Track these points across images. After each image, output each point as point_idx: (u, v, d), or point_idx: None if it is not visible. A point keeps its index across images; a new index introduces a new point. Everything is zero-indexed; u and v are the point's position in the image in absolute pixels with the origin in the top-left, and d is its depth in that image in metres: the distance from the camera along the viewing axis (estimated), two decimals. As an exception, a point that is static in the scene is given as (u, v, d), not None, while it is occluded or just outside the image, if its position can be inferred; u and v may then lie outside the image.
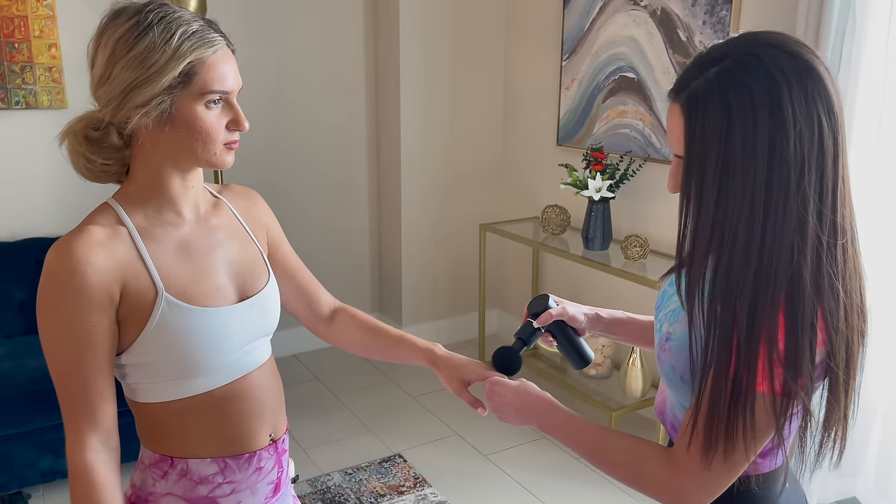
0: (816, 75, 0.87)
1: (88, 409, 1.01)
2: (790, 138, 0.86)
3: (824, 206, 0.88)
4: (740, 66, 0.88)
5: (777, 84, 0.86)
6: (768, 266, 0.88)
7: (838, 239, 0.90)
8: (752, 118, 0.86)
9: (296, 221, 3.68)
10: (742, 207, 0.88)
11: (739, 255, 0.89)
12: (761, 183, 0.87)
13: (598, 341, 3.17)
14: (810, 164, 0.86)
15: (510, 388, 1.17)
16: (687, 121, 0.92)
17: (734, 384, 0.91)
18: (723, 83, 0.88)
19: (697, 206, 0.92)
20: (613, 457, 1.03)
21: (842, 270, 0.90)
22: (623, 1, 3.03)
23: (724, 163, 0.88)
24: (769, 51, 0.88)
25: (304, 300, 1.36)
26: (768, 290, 0.89)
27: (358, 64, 3.72)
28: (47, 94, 2.98)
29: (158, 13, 1.00)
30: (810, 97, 0.86)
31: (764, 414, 0.91)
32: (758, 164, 0.87)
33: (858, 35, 2.08)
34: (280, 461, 1.23)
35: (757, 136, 0.86)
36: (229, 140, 1.07)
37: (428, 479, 2.76)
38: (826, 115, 0.87)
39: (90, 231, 1.02)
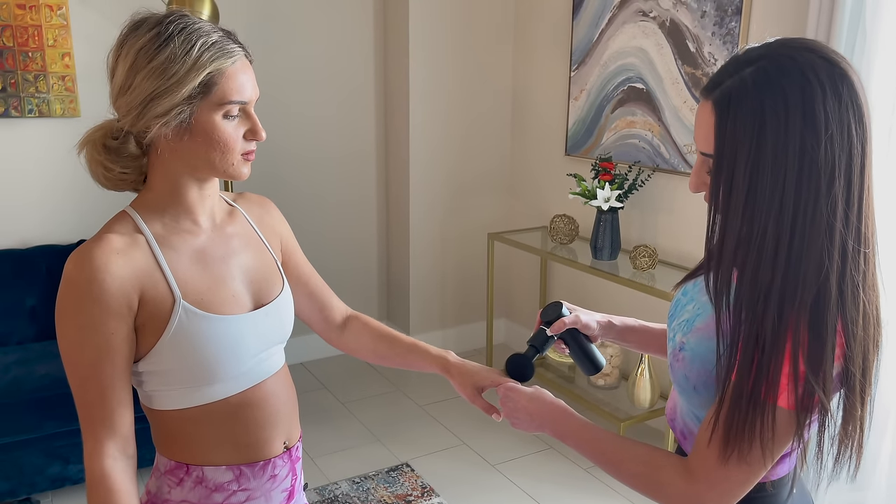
0: (850, 83, 0.88)
1: (106, 417, 1.02)
2: (821, 142, 0.86)
3: (851, 214, 0.88)
4: (776, 67, 0.88)
5: (812, 87, 0.86)
6: (796, 269, 0.88)
7: (862, 247, 0.90)
8: (784, 119, 0.86)
9: (305, 229, 3.70)
10: (771, 208, 0.88)
11: (768, 255, 0.89)
12: (791, 184, 0.87)
13: (607, 351, 3.16)
14: (840, 170, 0.87)
15: (524, 395, 1.18)
16: (718, 119, 0.92)
17: (754, 391, 0.90)
18: (758, 83, 0.88)
19: (726, 205, 0.91)
20: (629, 466, 1.03)
21: (863, 280, 0.91)
22: (632, 12, 3.05)
23: (754, 163, 0.88)
24: (806, 55, 0.88)
25: (317, 308, 1.36)
26: (796, 294, 0.88)
27: (367, 74, 3.74)
28: (60, 102, 3.01)
29: (179, 24, 1.01)
30: (843, 103, 0.87)
31: (784, 428, 0.91)
32: (788, 165, 0.87)
33: (869, 48, 2.09)
34: (294, 469, 1.24)
35: (789, 137, 0.86)
36: (247, 150, 1.08)
37: (435, 488, 2.76)
38: (857, 123, 0.87)
39: (109, 239, 1.03)
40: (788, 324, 0.89)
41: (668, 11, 2.87)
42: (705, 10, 2.72)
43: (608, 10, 3.16)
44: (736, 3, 2.60)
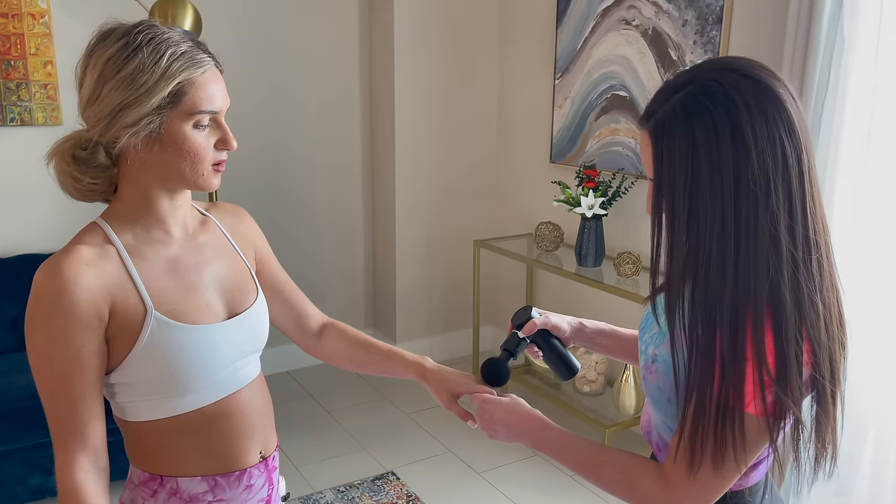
0: (776, 98, 0.90)
1: (77, 429, 1.01)
2: (752, 159, 0.88)
3: (795, 223, 0.90)
4: (702, 92, 0.91)
5: (737, 108, 0.88)
6: (745, 284, 0.90)
7: (812, 254, 0.92)
8: (715, 142, 0.89)
9: (290, 236, 3.69)
10: (713, 228, 0.90)
11: (715, 275, 0.91)
12: (730, 203, 0.89)
13: (592, 357, 3.17)
14: (776, 183, 0.89)
15: (500, 406, 1.17)
16: (655, 146, 0.94)
17: (720, 403, 0.91)
18: (686, 109, 0.91)
19: (670, 229, 0.94)
20: (607, 473, 1.04)
21: (818, 284, 0.92)
22: (615, 20, 3.06)
23: (692, 186, 0.90)
24: (729, 75, 0.91)
25: (293, 316, 1.36)
26: (748, 308, 0.90)
27: (353, 81, 3.74)
28: (42, 111, 2.99)
29: (147, 34, 1.01)
30: (770, 119, 0.89)
31: (755, 435, 0.92)
32: (725, 186, 0.89)
33: (847, 52, 2.11)
34: (270, 478, 1.23)
35: (721, 159, 0.89)
36: (217, 160, 1.07)
37: (421, 496, 2.75)
38: (787, 136, 0.89)
39: (78, 250, 1.02)
40: (746, 334, 0.90)
41: (650, 20, 2.89)
42: (686, 19, 2.74)
43: (591, 19, 3.17)
44: (716, 12, 2.62)
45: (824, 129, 2.19)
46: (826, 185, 2.20)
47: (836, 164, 2.17)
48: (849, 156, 2.15)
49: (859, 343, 2.16)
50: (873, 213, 2.15)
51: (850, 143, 2.14)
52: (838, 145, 2.16)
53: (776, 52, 2.41)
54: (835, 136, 2.16)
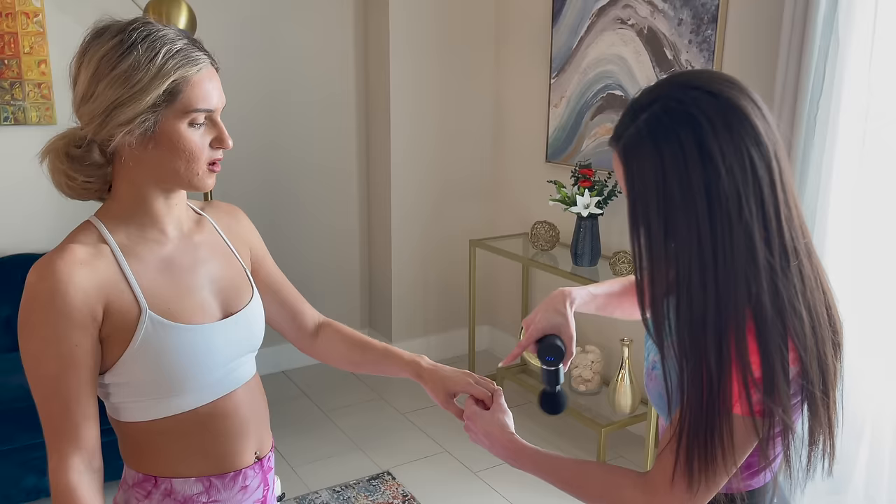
0: (739, 111, 0.91)
1: (71, 430, 1.00)
2: (721, 175, 0.89)
3: (770, 233, 0.91)
4: (666, 112, 0.91)
5: (701, 127, 0.89)
6: (726, 296, 0.91)
7: (791, 261, 0.92)
8: (683, 162, 0.90)
9: (286, 236, 3.68)
10: (691, 243, 0.91)
11: (697, 289, 0.92)
12: (704, 219, 0.90)
13: (588, 357, 3.17)
14: (747, 196, 0.90)
15: (482, 427, 1.17)
16: (626, 169, 0.95)
17: (709, 411, 0.93)
18: (652, 130, 0.92)
19: (648, 248, 0.95)
20: (591, 489, 1.05)
21: (801, 289, 0.93)
22: (610, 20, 3.06)
23: (665, 206, 0.92)
24: (691, 93, 0.91)
25: (289, 316, 1.35)
26: (731, 319, 0.91)
27: (348, 81, 3.74)
28: (36, 110, 2.98)
29: (143, 31, 1.00)
30: (736, 134, 0.90)
31: (743, 435, 0.93)
32: (697, 203, 0.90)
33: (842, 54, 2.11)
34: (265, 479, 1.22)
35: (691, 177, 0.90)
36: (213, 158, 1.07)
37: (417, 496, 2.74)
38: (755, 148, 0.90)
39: (72, 250, 1.01)
40: (730, 345, 0.91)
41: (645, 19, 2.89)
42: (682, 18, 2.74)
43: (587, 18, 3.17)
44: (712, 12, 2.62)
45: (819, 128, 2.19)
46: (822, 185, 2.21)
47: (831, 164, 2.17)
48: (844, 155, 2.15)
49: (855, 342, 2.17)
50: (869, 213, 2.15)
51: (846, 143, 2.14)
52: (834, 144, 2.16)
53: (771, 51, 2.42)
54: (830, 136, 2.16)
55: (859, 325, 2.17)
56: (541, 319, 1.23)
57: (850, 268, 2.19)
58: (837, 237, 2.20)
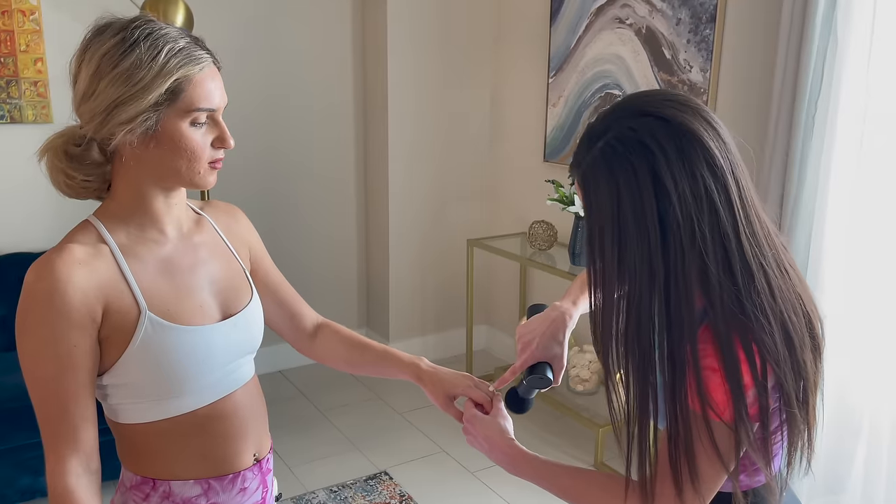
0: (692, 135, 0.91)
1: (69, 432, 0.99)
2: (673, 203, 0.90)
3: (730, 252, 0.92)
4: (619, 141, 0.92)
5: (652, 154, 0.90)
6: (678, 320, 0.92)
7: (755, 278, 0.93)
8: (637, 190, 0.91)
9: (283, 236, 3.67)
10: (642, 272, 0.92)
11: (646, 317, 0.93)
12: (656, 248, 0.91)
13: (586, 357, 3.17)
14: (700, 221, 0.90)
15: (481, 431, 1.18)
16: (584, 196, 0.97)
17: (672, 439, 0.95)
18: (607, 158, 0.93)
19: (602, 276, 0.96)
20: (588, 497, 1.06)
21: (769, 304, 0.93)
22: (609, 19, 3.06)
23: (619, 234, 0.93)
24: (642, 120, 0.92)
25: (287, 316, 1.34)
26: (681, 340, 0.93)
27: (346, 80, 3.73)
28: (32, 108, 2.97)
29: (145, 29, 0.99)
30: (688, 159, 0.90)
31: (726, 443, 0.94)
32: (650, 232, 0.91)
33: (840, 54, 2.11)
34: (264, 480, 1.22)
35: (645, 206, 0.91)
36: (214, 158, 1.06)
37: (414, 496, 2.74)
38: (709, 171, 0.91)
39: (71, 249, 1.00)
40: (685, 362, 0.93)
41: (643, 19, 2.89)
42: (680, 18, 2.74)
43: (585, 17, 3.17)
44: (710, 11, 2.62)
45: (817, 129, 2.19)
46: (819, 185, 2.21)
47: (829, 165, 2.17)
48: (842, 156, 2.15)
49: (852, 341, 2.17)
50: (867, 214, 2.15)
51: (844, 143, 2.14)
52: (832, 145, 2.16)
53: (769, 51, 2.42)
54: (828, 137, 2.16)
55: (856, 324, 2.17)
56: (538, 347, 1.24)
57: (846, 267, 2.19)
58: (835, 237, 2.20)
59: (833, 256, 2.20)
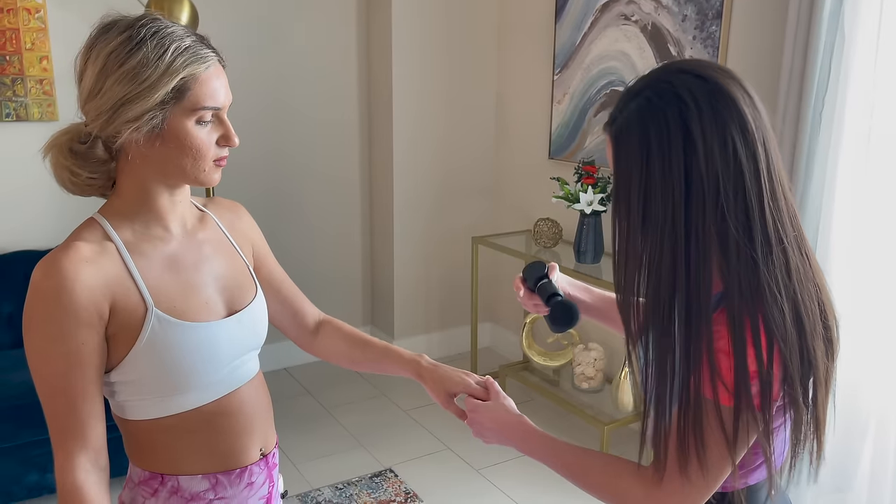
0: (728, 97, 0.91)
1: (77, 429, 1.00)
2: (700, 158, 0.90)
3: (751, 221, 0.91)
4: (656, 94, 0.93)
5: (686, 107, 0.90)
6: (696, 281, 0.92)
7: (773, 249, 0.92)
8: (667, 143, 0.91)
9: (287, 233, 3.68)
10: (665, 228, 0.92)
11: (667, 271, 0.93)
12: (680, 203, 0.91)
13: (591, 354, 3.16)
14: (726, 182, 0.90)
15: (488, 415, 1.18)
16: (615, 152, 0.97)
17: (684, 399, 0.93)
18: (642, 112, 0.93)
19: (626, 231, 0.96)
20: (591, 477, 1.05)
21: (784, 279, 0.92)
22: (614, 16, 3.05)
23: (645, 188, 0.93)
24: (680, 76, 0.93)
25: (290, 313, 1.35)
26: (701, 304, 0.92)
27: (350, 78, 3.73)
28: (38, 106, 2.97)
29: (151, 28, 0.99)
30: (720, 118, 0.90)
31: (719, 430, 0.92)
32: (675, 185, 0.91)
33: (847, 47, 2.10)
34: (271, 476, 1.22)
35: (672, 158, 0.91)
36: (219, 156, 1.06)
37: (419, 493, 2.74)
38: (740, 135, 0.91)
39: (77, 247, 1.01)
40: (700, 333, 0.92)
41: (649, 15, 2.88)
42: (686, 14, 2.73)
43: (590, 14, 3.16)
44: (716, 8, 2.61)
45: (825, 124, 2.18)
46: (827, 181, 2.20)
47: (836, 160, 2.16)
48: (849, 151, 2.15)
49: (859, 337, 2.17)
50: (874, 209, 2.14)
51: (851, 139, 2.14)
52: (839, 141, 2.15)
53: (776, 47, 2.41)
54: (835, 132, 2.16)
55: (863, 320, 2.17)
56: None
57: (854, 264, 2.19)
58: (842, 233, 2.19)
59: (840, 252, 2.20)
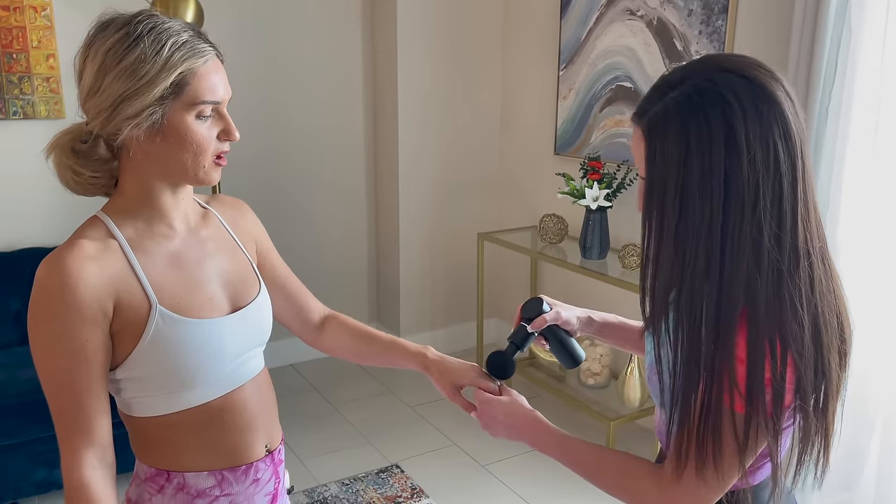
0: (773, 99, 0.88)
1: (83, 425, 1.00)
2: (743, 164, 0.87)
3: (783, 231, 0.89)
4: (697, 92, 0.89)
5: (731, 109, 0.87)
6: (728, 288, 0.89)
7: (801, 262, 0.90)
8: (708, 143, 0.87)
9: (293, 230, 3.68)
10: (701, 230, 0.89)
11: (700, 276, 0.90)
12: (718, 207, 0.88)
13: (597, 350, 3.16)
14: (765, 189, 0.87)
15: (501, 408, 1.17)
16: (648, 145, 0.93)
17: (702, 407, 0.92)
18: (681, 109, 0.89)
19: (659, 230, 0.93)
20: (606, 475, 1.05)
21: (807, 293, 0.91)
22: (619, 11, 3.04)
23: (683, 187, 0.89)
24: (725, 76, 0.89)
25: (295, 309, 1.35)
26: (730, 312, 0.90)
27: (356, 74, 3.73)
28: (45, 104, 2.98)
29: (148, 24, 0.99)
30: (765, 122, 0.87)
31: (731, 436, 0.91)
32: (714, 188, 0.88)
33: (854, 42, 2.09)
34: (276, 472, 1.23)
35: (713, 161, 0.87)
36: (220, 151, 1.06)
37: (425, 489, 2.75)
38: (783, 140, 0.88)
39: (81, 245, 1.01)
40: (728, 338, 0.90)
41: (655, 10, 2.87)
42: (692, 9, 2.72)
43: (596, 9, 3.15)
44: (722, 2, 2.60)
45: (831, 119, 2.17)
46: (833, 177, 2.19)
47: (843, 155, 2.15)
48: (856, 146, 2.13)
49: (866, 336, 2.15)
50: (881, 203, 2.13)
51: (858, 134, 2.12)
52: (846, 136, 2.14)
53: (783, 41, 2.39)
54: (842, 127, 2.14)
55: (871, 316, 2.16)
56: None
57: (861, 259, 2.17)
58: (850, 228, 2.18)
59: (848, 247, 2.18)
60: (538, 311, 1.27)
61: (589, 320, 1.30)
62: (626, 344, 1.32)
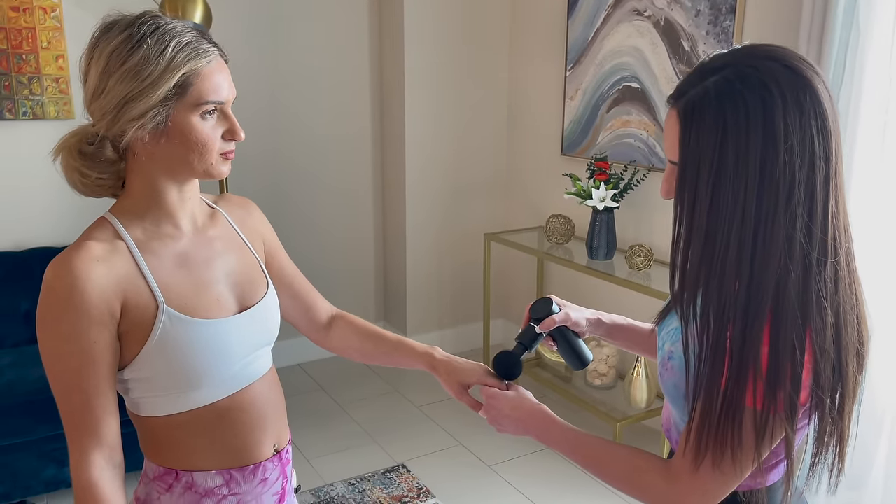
0: (814, 92, 0.87)
1: (92, 426, 1.01)
2: (780, 154, 0.85)
3: (814, 225, 0.88)
4: (739, 77, 0.88)
5: (772, 97, 0.86)
6: (759, 278, 0.88)
7: (828, 258, 0.89)
8: (745, 130, 0.86)
9: (300, 230, 3.69)
10: (734, 217, 0.88)
11: (731, 265, 0.89)
12: (752, 195, 0.87)
13: (604, 351, 3.16)
14: (800, 182, 0.86)
15: (507, 402, 1.17)
16: (683, 128, 0.91)
17: (725, 397, 0.91)
18: (720, 93, 0.88)
19: (691, 214, 0.91)
20: (612, 468, 1.04)
21: (831, 291, 0.90)
22: (627, 11, 3.04)
23: (717, 172, 0.88)
24: (768, 63, 0.88)
25: (302, 309, 1.35)
26: (760, 304, 0.88)
27: (363, 76, 3.73)
28: (55, 104, 3.00)
29: (151, 25, 1.00)
30: (805, 114, 0.86)
31: (751, 428, 0.91)
32: (749, 178, 0.86)
33: (862, 42, 2.08)
34: (284, 471, 1.23)
35: (749, 149, 0.86)
36: (225, 150, 1.07)
37: (431, 489, 2.75)
38: (819, 134, 0.87)
39: (88, 246, 1.02)
40: (755, 331, 0.89)
41: (662, 10, 2.87)
42: (699, 9, 2.71)
43: (603, 10, 3.15)
44: (730, 2, 2.59)
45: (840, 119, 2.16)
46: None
47: (851, 156, 2.14)
48: (864, 147, 2.13)
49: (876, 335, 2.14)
50: (889, 206, 2.12)
51: (866, 135, 2.12)
52: (854, 136, 2.13)
53: (791, 42, 2.39)
54: (850, 128, 2.14)
55: (879, 317, 2.15)
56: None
57: (869, 260, 2.17)
58: (859, 228, 2.17)
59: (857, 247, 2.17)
60: (547, 312, 1.27)
61: (598, 322, 1.30)
62: (634, 346, 1.32)
